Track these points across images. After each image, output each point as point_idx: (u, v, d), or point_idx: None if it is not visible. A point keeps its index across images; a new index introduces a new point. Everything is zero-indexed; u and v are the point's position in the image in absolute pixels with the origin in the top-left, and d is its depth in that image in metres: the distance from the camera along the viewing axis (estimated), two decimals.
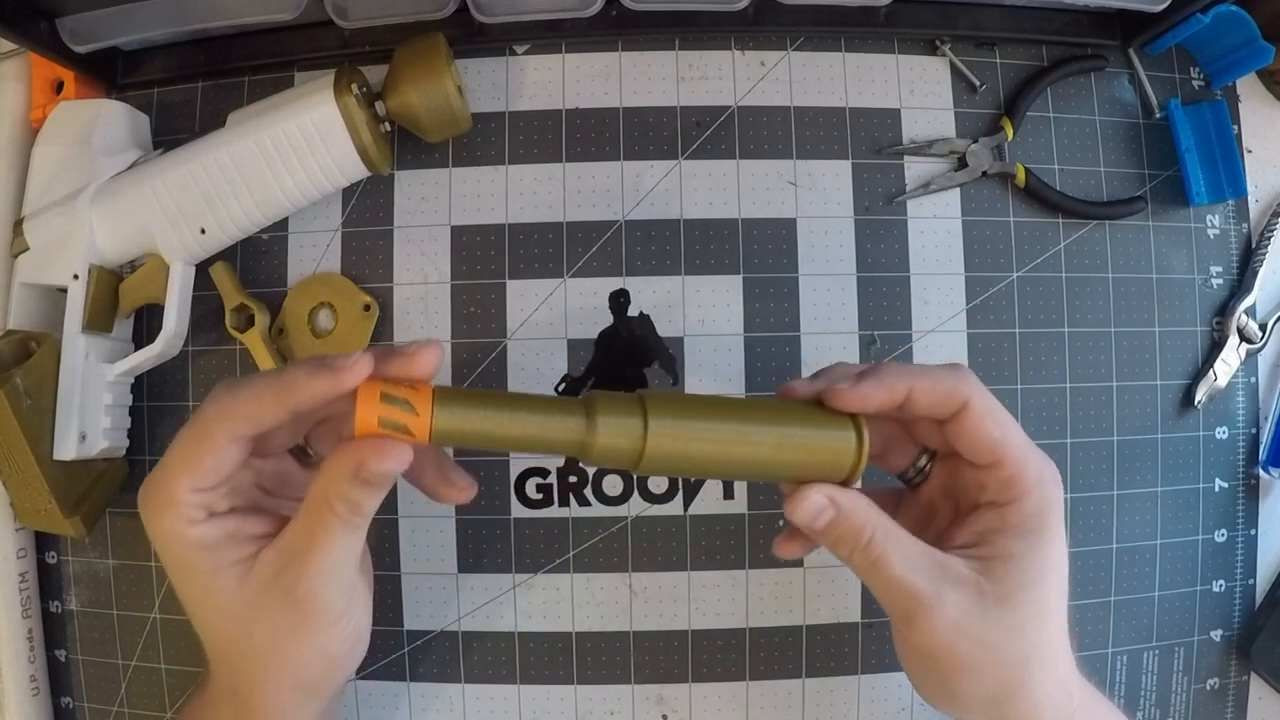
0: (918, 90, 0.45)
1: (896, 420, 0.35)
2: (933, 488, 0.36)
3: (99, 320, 0.41)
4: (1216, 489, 0.45)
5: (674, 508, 0.43)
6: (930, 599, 0.31)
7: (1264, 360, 0.46)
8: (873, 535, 0.31)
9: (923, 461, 0.35)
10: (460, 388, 0.30)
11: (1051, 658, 0.32)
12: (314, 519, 0.30)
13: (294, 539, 0.31)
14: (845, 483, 0.32)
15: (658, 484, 0.43)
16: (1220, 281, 0.46)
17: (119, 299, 0.42)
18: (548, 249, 0.44)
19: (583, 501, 0.43)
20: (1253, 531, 0.45)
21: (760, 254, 0.44)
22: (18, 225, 0.42)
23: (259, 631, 0.31)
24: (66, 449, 0.39)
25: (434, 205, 0.44)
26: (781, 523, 0.43)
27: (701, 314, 0.44)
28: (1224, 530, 0.45)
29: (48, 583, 0.45)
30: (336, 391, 0.29)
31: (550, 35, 0.44)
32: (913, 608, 0.31)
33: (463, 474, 0.34)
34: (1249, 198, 0.46)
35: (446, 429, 0.29)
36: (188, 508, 0.30)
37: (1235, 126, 0.46)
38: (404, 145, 0.44)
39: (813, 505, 0.31)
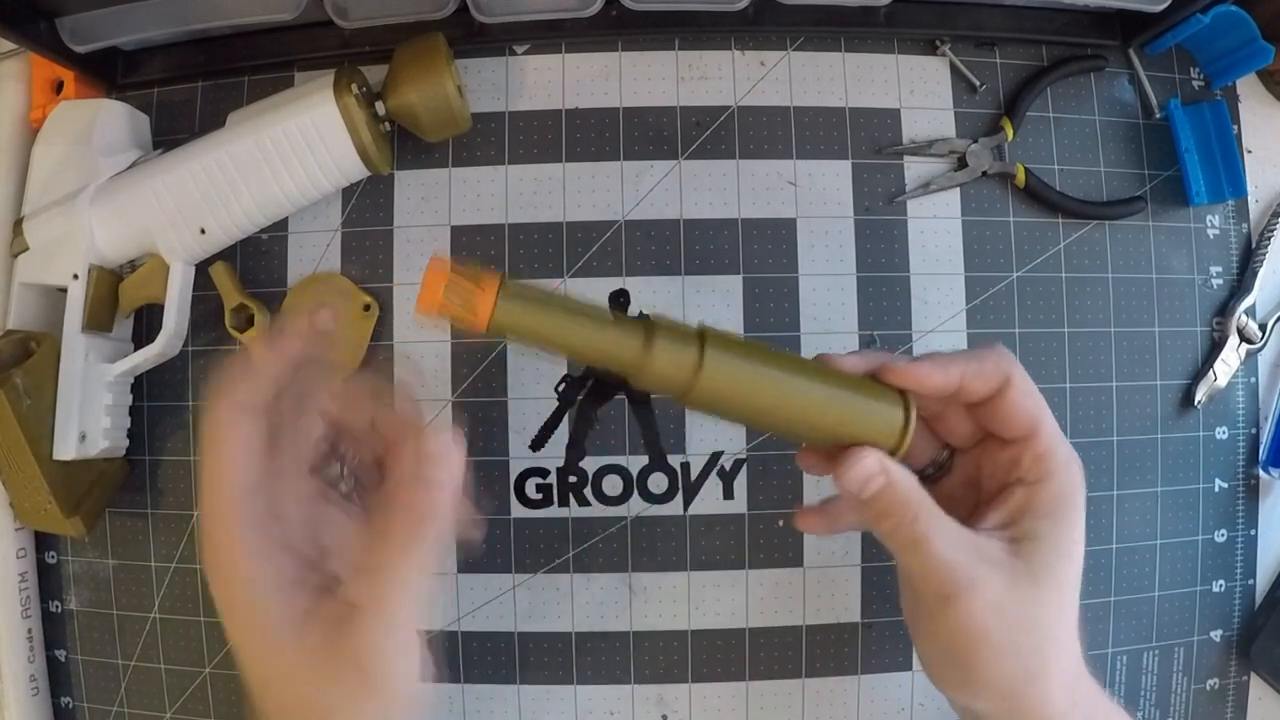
0: (918, 90, 0.45)
1: (922, 417, 0.35)
2: (953, 481, 0.36)
3: (99, 320, 0.41)
4: (1216, 489, 0.45)
5: (674, 508, 0.43)
6: (970, 580, 0.30)
7: (1264, 360, 0.46)
8: (918, 511, 0.31)
9: (943, 456, 0.36)
10: (526, 283, 0.30)
11: (1069, 641, 0.33)
12: (380, 573, 0.28)
13: (357, 594, 0.28)
14: (891, 455, 0.31)
15: (658, 484, 0.43)
16: (1220, 281, 0.46)
17: (119, 299, 0.42)
18: (548, 249, 0.44)
19: (583, 501, 0.43)
20: (1253, 531, 0.45)
21: (760, 254, 0.44)
22: (18, 225, 0.42)
23: (312, 695, 0.28)
24: (66, 449, 0.39)
25: (434, 205, 0.44)
26: (781, 522, 0.43)
27: (701, 314, 0.44)
28: (1224, 530, 0.45)
29: (47, 582, 0.45)
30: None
31: (550, 35, 0.44)
32: (952, 588, 0.30)
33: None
34: (1249, 198, 0.46)
35: (507, 318, 0.28)
36: (244, 528, 0.28)
37: (1235, 126, 0.46)
38: (404, 145, 0.44)
39: (866, 468, 0.31)
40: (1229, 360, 0.45)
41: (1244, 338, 0.45)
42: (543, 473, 0.43)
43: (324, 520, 0.32)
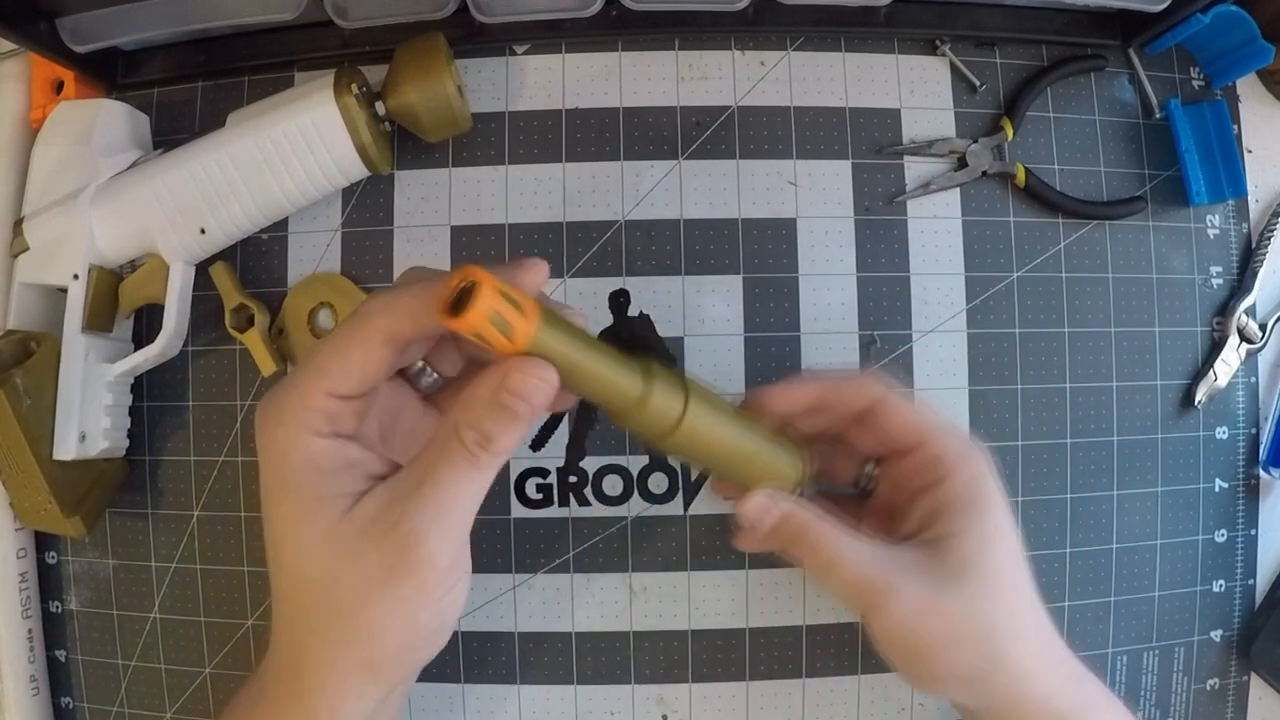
0: (918, 90, 0.45)
1: (834, 439, 0.37)
2: (886, 489, 0.37)
3: (99, 320, 0.41)
4: (1216, 489, 0.45)
5: (674, 508, 0.43)
6: (885, 588, 0.32)
7: (1264, 360, 0.46)
8: (820, 536, 0.33)
9: (869, 468, 0.37)
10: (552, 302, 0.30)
11: (1019, 627, 0.33)
12: (436, 451, 0.27)
13: (410, 474, 0.28)
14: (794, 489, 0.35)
15: (658, 484, 0.43)
16: (1220, 281, 0.46)
17: (119, 299, 0.42)
18: (548, 249, 0.44)
19: (583, 501, 0.43)
20: (1253, 531, 0.45)
21: (760, 254, 0.44)
22: (18, 225, 0.42)
23: (345, 576, 0.28)
24: (66, 449, 0.39)
25: (434, 205, 0.44)
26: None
27: (701, 314, 0.44)
28: (1224, 530, 0.45)
29: (48, 583, 0.45)
30: (471, 274, 0.26)
31: (550, 35, 0.44)
32: (871, 600, 0.32)
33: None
34: (1249, 198, 0.46)
35: (544, 341, 0.27)
36: (315, 416, 0.27)
37: (1235, 126, 0.46)
38: (404, 145, 0.44)
39: (757, 505, 0.34)
40: (1229, 360, 0.45)
41: (1244, 338, 0.45)
42: (543, 473, 0.43)
43: (400, 409, 0.31)
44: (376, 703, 0.30)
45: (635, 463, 0.43)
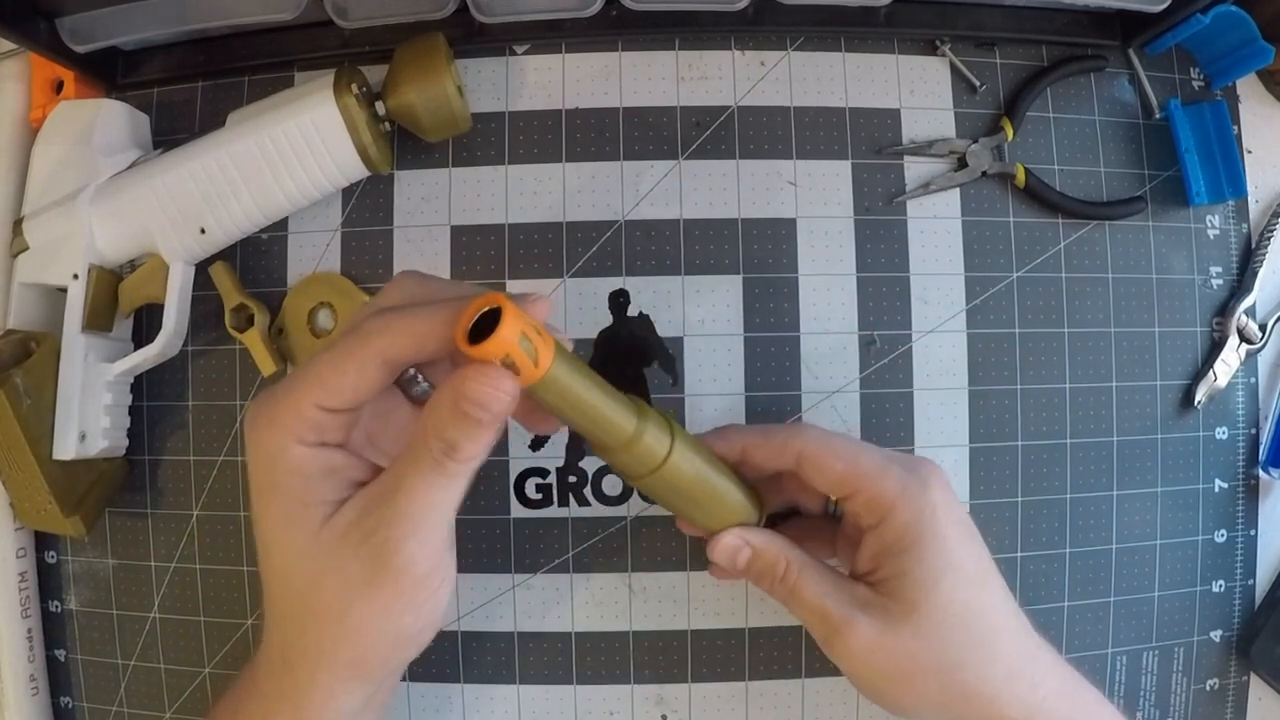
0: (918, 90, 0.45)
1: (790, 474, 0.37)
2: (853, 521, 0.37)
3: (99, 320, 0.41)
4: (1216, 489, 0.45)
5: None
6: (841, 622, 0.33)
7: (1264, 360, 0.46)
8: (788, 566, 0.35)
9: (831, 506, 0.38)
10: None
11: (995, 653, 0.33)
12: (407, 460, 0.28)
13: (384, 482, 0.28)
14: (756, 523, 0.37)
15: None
16: (1220, 282, 0.46)
17: (119, 299, 0.42)
18: (547, 249, 0.44)
19: (582, 501, 0.43)
20: (1252, 532, 0.45)
21: (760, 254, 0.44)
22: (17, 225, 0.42)
23: (329, 582, 0.28)
24: (66, 449, 0.39)
25: (434, 205, 0.44)
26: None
27: (701, 314, 0.44)
28: (1224, 530, 0.45)
29: (47, 582, 0.45)
30: (497, 302, 0.26)
31: (550, 35, 0.44)
32: (828, 631, 0.34)
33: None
34: (1249, 198, 0.46)
35: (556, 373, 0.28)
36: (305, 425, 0.28)
37: (1235, 127, 0.46)
38: (404, 145, 0.44)
39: (729, 546, 0.35)
40: (1229, 360, 0.45)
41: (1244, 338, 0.45)
42: (542, 473, 0.43)
43: (390, 412, 0.31)
44: (365, 698, 0.31)
45: None
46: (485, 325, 0.26)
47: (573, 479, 0.43)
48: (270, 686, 0.31)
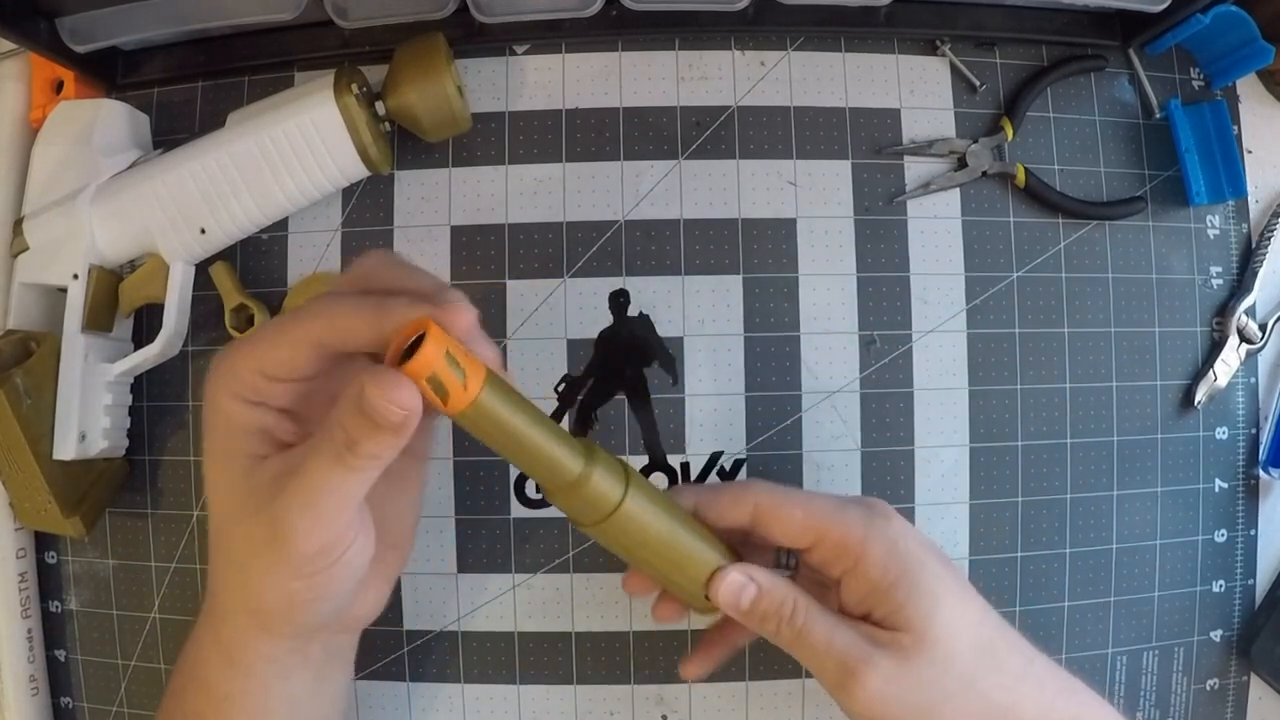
0: (918, 90, 0.45)
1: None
2: (805, 574, 0.36)
3: (99, 320, 0.41)
4: (1216, 489, 0.45)
5: None
6: (858, 663, 0.32)
7: (1264, 360, 0.46)
8: (795, 607, 0.33)
9: (784, 558, 0.35)
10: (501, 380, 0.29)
11: (996, 663, 0.33)
12: (315, 442, 0.28)
13: (297, 454, 0.29)
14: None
15: (658, 484, 0.43)
16: (1220, 281, 0.46)
17: (119, 299, 0.42)
18: (548, 249, 0.44)
19: None
20: (1252, 532, 0.45)
21: (760, 254, 0.44)
22: (18, 225, 0.42)
23: (238, 532, 0.30)
24: (66, 449, 0.39)
25: (434, 205, 0.44)
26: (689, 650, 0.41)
27: (701, 314, 0.44)
28: (1224, 530, 0.45)
29: (47, 583, 0.45)
30: (425, 327, 0.26)
31: (550, 35, 0.44)
32: (843, 675, 0.32)
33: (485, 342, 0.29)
34: (1249, 198, 0.46)
35: (485, 409, 0.27)
36: (244, 384, 0.29)
37: (1235, 127, 0.46)
38: (404, 145, 0.44)
39: (734, 583, 0.33)
40: (1229, 360, 0.45)
41: (1244, 338, 0.45)
42: None
43: (330, 380, 0.31)
44: (286, 650, 0.32)
45: (635, 463, 0.43)
46: (414, 349, 0.26)
47: None
48: (204, 633, 0.33)
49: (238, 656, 0.32)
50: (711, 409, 0.43)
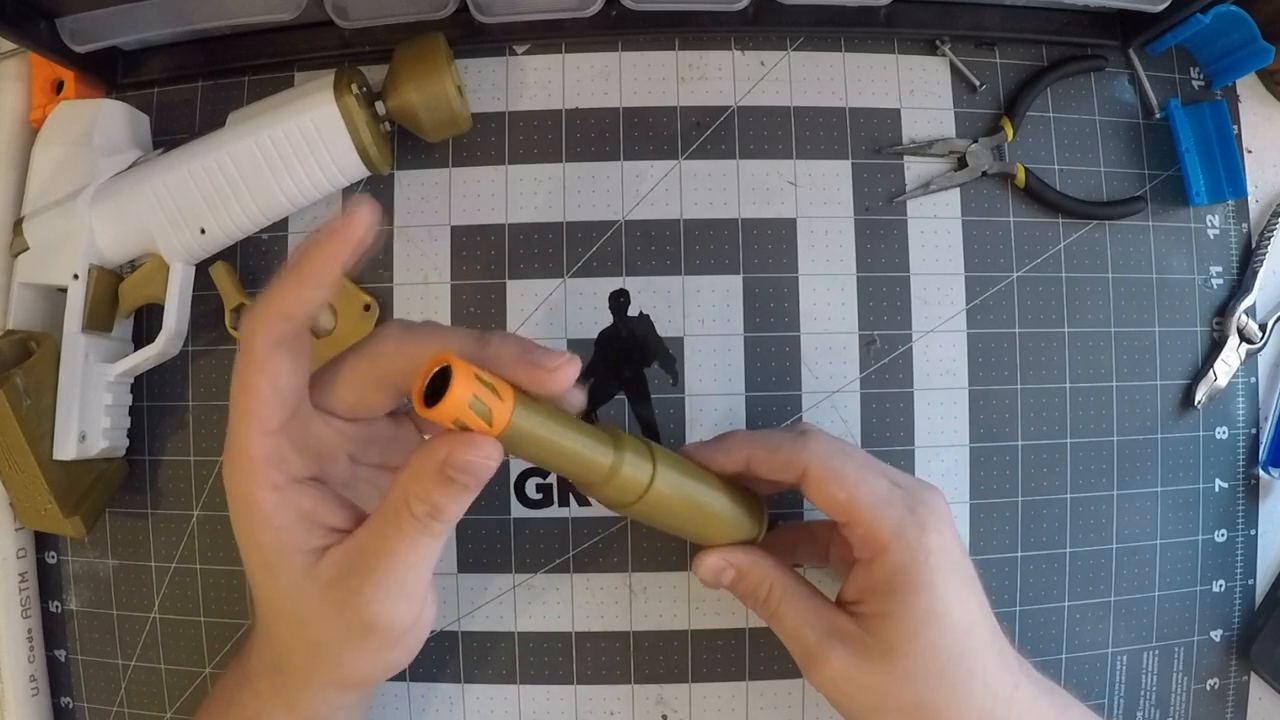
0: (918, 90, 0.45)
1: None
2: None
3: (99, 320, 0.41)
4: (1216, 489, 0.45)
5: None
6: (817, 652, 0.33)
7: (1264, 360, 0.46)
8: (770, 590, 0.35)
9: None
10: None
11: (961, 699, 0.32)
12: (389, 523, 0.28)
13: (365, 542, 0.28)
14: (754, 541, 0.37)
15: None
16: (1220, 281, 0.46)
17: (119, 299, 0.42)
18: (548, 249, 0.44)
19: (583, 501, 0.43)
20: (1253, 531, 0.45)
21: (760, 254, 0.44)
22: (17, 225, 0.42)
23: (316, 629, 0.29)
24: (66, 449, 0.39)
25: (434, 205, 0.44)
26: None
27: (701, 314, 0.44)
28: (1224, 530, 0.45)
29: (48, 583, 0.45)
30: (447, 360, 0.26)
31: (550, 35, 0.44)
32: (805, 659, 0.34)
33: (552, 354, 0.29)
34: (1249, 198, 0.46)
35: (521, 425, 0.27)
36: (263, 465, 0.28)
37: (1235, 126, 0.46)
38: (404, 145, 0.44)
39: (712, 567, 0.36)
40: (1229, 360, 0.45)
41: (1244, 338, 0.45)
42: (543, 472, 0.43)
43: (369, 431, 0.32)
44: (358, 700, 0.34)
45: None
46: (441, 383, 0.26)
47: None
48: (265, 685, 0.32)
49: (314, 714, 0.32)
50: (711, 409, 0.43)
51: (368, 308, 0.43)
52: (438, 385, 0.26)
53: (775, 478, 0.35)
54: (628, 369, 0.43)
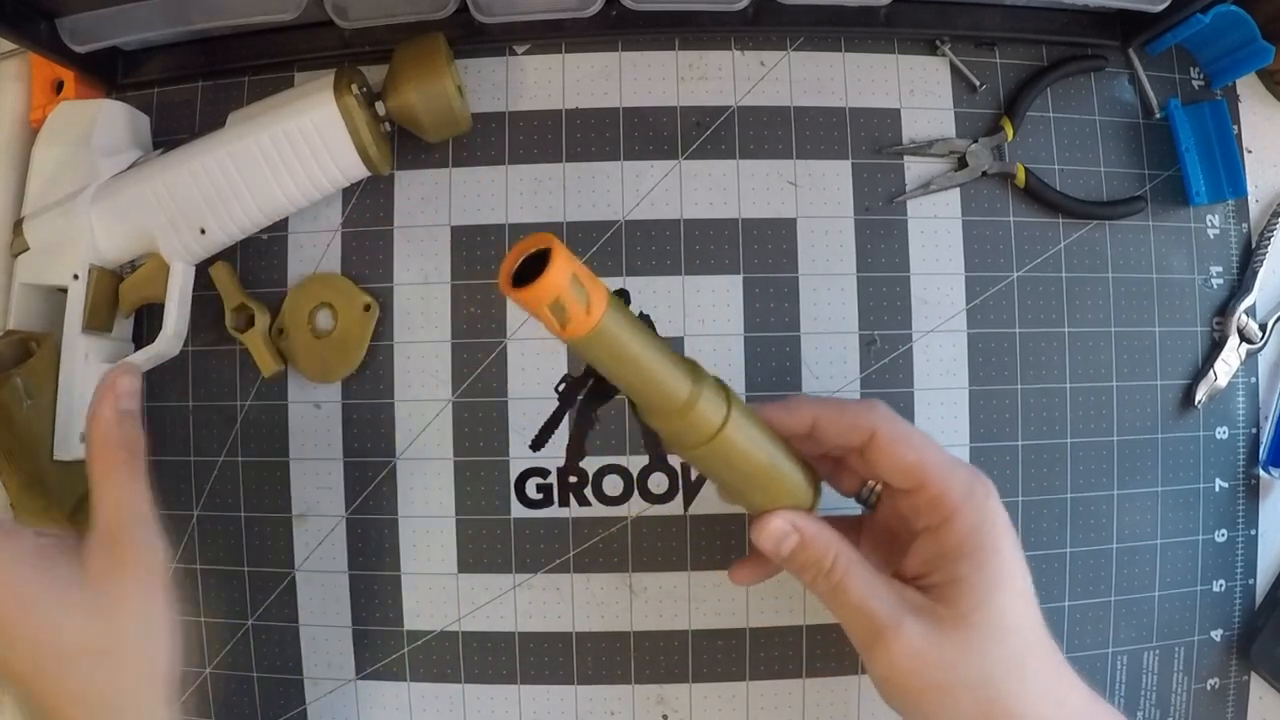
0: (918, 90, 0.45)
1: (835, 459, 0.36)
2: (888, 513, 0.36)
3: (99, 320, 0.41)
4: (1216, 489, 0.45)
5: (674, 508, 0.43)
6: (889, 625, 0.31)
7: (1264, 360, 0.46)
8: (835, 560, 0.33)
9: (872, 484, 0.36)
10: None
11: (1027, 670, 0.32)
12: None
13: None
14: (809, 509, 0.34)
15: (658, 484, 0.43)
16: (1220, 281, 0.46)
17: (119, 299, 0.42)
18: None
19: (583, 501, 0.43)
20: (1253, 531, 0.45)
21: (760, 254, 0.44)
22: (18, 225, 0.42)
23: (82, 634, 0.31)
24: (66, 449, 0.39)
25: (434, 205, 0.44)
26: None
27: (701, 314, 0.44)
28: (1224, 530, 0.45)
29: None
30: (548, 244, 0.24)
31: (550, 35, 0.44)
32: (873, 635, 0.32)
33: None
34: (1249, 198, 0.46)
35: (606, 331, 0.26)
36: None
37: (1235, 126, 0.46)
38: (404, 145, 0.44)
39: (776, 530, 0.33)
40: (1229, 360, 0.45)
41: (1244, 338, 0.45)
42: (543, 473, 0.43)
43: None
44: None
45: (635, 463, 0.43)
46: (532, 269, 0.24)
47: (573, 479, 0.43)
48: None
49: None
50: None
51: (368, 308, 0.43)
52: (528, 270, 0.24)
53: (842, 440, 0.34)
54: None
